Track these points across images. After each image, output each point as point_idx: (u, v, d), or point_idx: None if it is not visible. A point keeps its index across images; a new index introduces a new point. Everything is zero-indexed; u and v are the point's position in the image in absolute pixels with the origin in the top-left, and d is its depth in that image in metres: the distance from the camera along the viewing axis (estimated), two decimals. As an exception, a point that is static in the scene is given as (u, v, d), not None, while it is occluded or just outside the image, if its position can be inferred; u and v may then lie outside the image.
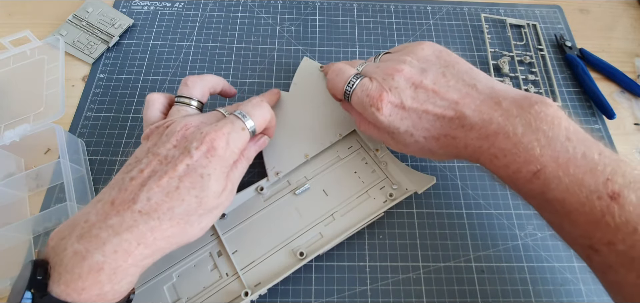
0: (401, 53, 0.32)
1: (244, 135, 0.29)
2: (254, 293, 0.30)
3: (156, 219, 0.25)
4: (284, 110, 0.40)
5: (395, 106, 0.29)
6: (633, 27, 0.51)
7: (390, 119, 0.30)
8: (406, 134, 0.30)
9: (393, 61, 0.31)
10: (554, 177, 0.24)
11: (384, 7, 0.50)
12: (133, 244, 0.24)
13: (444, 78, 0.29)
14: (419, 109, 0.29)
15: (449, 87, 0.29)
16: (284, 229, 0.34)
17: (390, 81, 0.30)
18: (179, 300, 0.31)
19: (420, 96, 0.29)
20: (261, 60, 0.45)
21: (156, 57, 0.45)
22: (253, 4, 0.50)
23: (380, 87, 0.30)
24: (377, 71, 0.31)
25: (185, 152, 0.26)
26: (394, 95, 0.29)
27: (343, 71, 0.33)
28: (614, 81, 0.46)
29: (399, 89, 0.29)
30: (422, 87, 0.29)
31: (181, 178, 0.26)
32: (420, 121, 0.29)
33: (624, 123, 0.43)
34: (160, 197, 0.25)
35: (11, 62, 0.39)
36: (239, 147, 0.28)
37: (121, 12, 0.48)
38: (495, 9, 0.51)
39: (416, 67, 0.30)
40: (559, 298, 0.33)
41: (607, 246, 0.23)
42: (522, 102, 0.27)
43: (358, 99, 0.31)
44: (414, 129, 0.29)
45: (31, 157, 0.39)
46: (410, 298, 0.33)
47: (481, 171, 0.39)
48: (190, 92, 0.32)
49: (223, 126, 0.28)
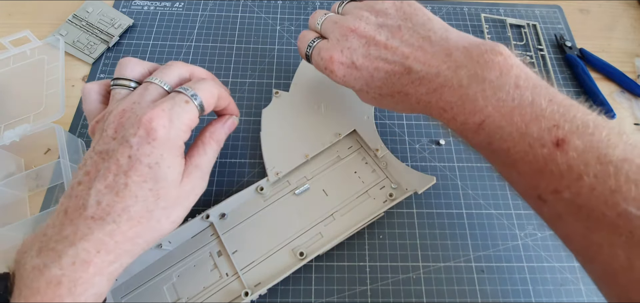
0: (361, 6, 0.32)
1: (189, 109, 0.26)
2: (254, 293, 0.30)
3: (112, 222, 0.23)
4: (284, 110, 0.40)
5: (347, 66, 0.30)
6: (633, 27, 0.51)
7: (345, 79, 0.30)
8: (361, 92, 0.31)
9: (351, 17, 0.31)
10: (497, 127, 0.24)
11: (384, 7, 0.50)
12: (91, 253, 0.22)
13: (399, 32, 0.29)
14: (369, 67, 0.29)
15: (402, 42, 0.28)
16: (284, 229, 0.34)
17: (344, 41, 0.30)
18: (179, 300, 0.31)
19: (372, 53, 0.29)
20: (261, 60, 0.45)
21: (156, 57, 0.45)
22: (253, 4, 0.50)
23: (332, 48, 0.30)
24: (334, 29, 0.31)
25: (123, 142, 0.24)
26: (345, 55, 0.30)
27: (305, 35, 0.34)
28: (614, 81, 0.46)
29: (351, 48, 0.29)
30: (375, 44, 0.29)
31: (127, 172, 0.23)
32: (372, 79, 0.29)
33: (624, 123, 0.43)
34: (110, 198, 0.23)
35: (11, 62, 0.39)
36: (185, 123, 0.25)
37: (121, 12, 0.48)
38: (495, 9, 0.51)
39: (372, 23, 0.30)
40: (559, 298, 0.33)
41: (554, 194, 0.22)
42: (472, 51, 0.26)
43: (315, 62, 0.32)
44: (368, 87, 0.30)
45: (31, 157, 0.39)
46: (410, 298, 0.33)
47: (481, 171, 0.39)
48: (126, 72, 0.28)
49: (161, 102, 0.25)
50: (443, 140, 0.40)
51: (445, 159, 0.39)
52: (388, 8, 0.30)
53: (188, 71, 0.29)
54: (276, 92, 0.41)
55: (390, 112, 0.42)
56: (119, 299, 0.30)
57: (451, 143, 0.40)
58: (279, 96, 0.41)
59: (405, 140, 0.40)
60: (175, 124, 0.25)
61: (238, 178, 0.37)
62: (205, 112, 0.28)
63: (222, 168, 0.38)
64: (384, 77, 0.29)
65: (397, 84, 0.29)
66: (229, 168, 0.38)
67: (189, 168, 0.27)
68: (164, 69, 0.28)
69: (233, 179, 0.37)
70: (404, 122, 0.41)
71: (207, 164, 0.28)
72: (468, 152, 0.40)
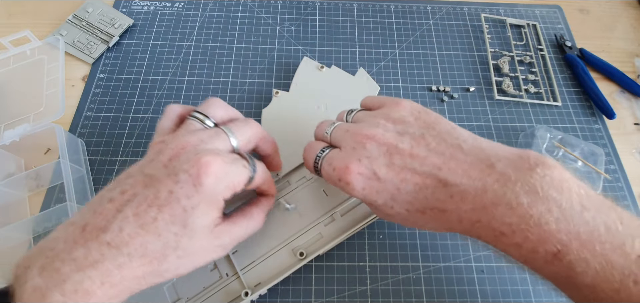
0: (374, 114, 0.28)
1: (243, 174, 0.25)
2: (254, 293, 0.30)
3: (126, 255, 0.22)
4: (284, 110, 0.40)
5: (368, 177, 0.25)
6: (633, 27, 0.51)
7: (365, 192, 0.26)
8: (386, 207, 0.26)
9: (366, 124, 0.27)
10: (580, 259, 0.20)
11: (384, 7, 0.50)
12: (96, 283, 0.21)
13: (424, 140, 0.25)
14: (395, 179, 0.25)
15: (429, 150, 0.25)
16: (284, 229, 0.34)
17: (361, 149, 0.26)
18: (179, 300, 0.31)
19: (396, 163, 0.25)
20: (261, 60, 0.45)
21: (156, 57, 0.45)
22: (253, 4, 0.50)
23: (347, 157, 0.26)
24: (347, 137, 0.27)
25: (171, 174, 0.23)
26: (364, 165, 0.25)
27: (312, 146, 0.30)
28: (614, 81, 0.46)
29: (371, 157, 0.25)
30: (398, 153, 0.25)
31: (161, 207, 0.22)
32: (399, 193, 0.25)
33: (624, 123, 0.43)
34: (133, 228, 0.22)
35: (11, 62, 0.39)
36: (234, 184, 0.25)
37: (121, 12, 0.48)
38: (495, 9, 0.51)
39: (391, 131, 0.26)
40: (559, 298, 0.33)
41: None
42: (519, 164, 0.23)
43: (326, 174, 0.27)
44: (394, 202, 0.25)
45: (31, 157, 0.39)
46: (410, 298, 0.33)
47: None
48: (209, 110, 0.28)
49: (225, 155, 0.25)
50: (443, 140, 0.40)
51: (445, 159, 0.39)
52: (406, 116, 0.27)
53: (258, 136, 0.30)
54: (276, 92, 0.41)
55: (390, 112, 0.42)
56: (119, 299, 0.30)
57: (451, 143, 0.40)
58: (279, 96, 0.41)
59: (405, 140, 0.40)
60: (224, 181, 0.24)
61: (238, 178, 0.37)
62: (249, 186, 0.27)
63: (222, 168, 0.38)
64: (414, 191, 0.24)
65: (431, 199, 0.24)
66: (229, 168, 0.38)
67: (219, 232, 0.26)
68: (240, 125, 0.29)
69: (233, 179, 0.37)
70: (404, 122, 0.41)
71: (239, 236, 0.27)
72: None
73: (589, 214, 0.21)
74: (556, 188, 0.21)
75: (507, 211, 0.22)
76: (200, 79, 0.43)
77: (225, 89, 0.43)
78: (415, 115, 0.27)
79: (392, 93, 0.43)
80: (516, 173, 0.22)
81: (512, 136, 0.41)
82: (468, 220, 0.23)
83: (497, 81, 0.44)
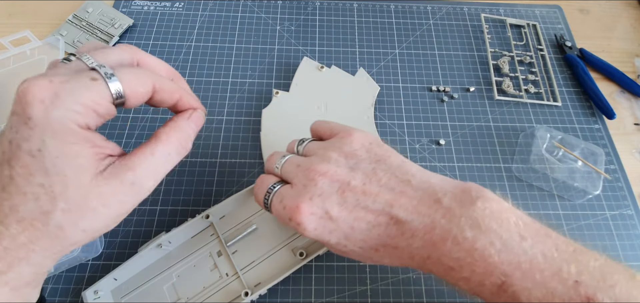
0: (326, 147, 0.28)
1: (94, 87, 0.20)
2: (254, 293, 0.30)
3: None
4: (284, 110, 0.40)
5: (320, 217, 0.24)
6: (633, 27, 0.51)
7: (317, 233, 0.25)
8: (339, 246, 0.25)
9: (317, 159, 0.26)
10: (524, 289, 0.21)
11: (384, 7, 0.50)
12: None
13: (376, 176, 0.25)
14: (348, 218, 0.24)
15: (381, 186, 0.25)
16: (284, 229, 0.34)
17: (313, 187, 0.25)
18: (179, 300, 0.31)
19: (348, 201, 0.24)
20: (261, 60, 0.45)
21: (156, 57, 0.45)
22: (253, 4, 0.50)
23: (298, 196, 0.25)
24: (298, 173, 0.26)
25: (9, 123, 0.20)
26: (316, 204, 0.24)
27: (263, 181, 0.28)
28: (614, 81, 0.46)
29: (323, 196, 0.24)
30: (351, 190, 0.25)
31: (9, 161, 0.19)
32: (352, 232, 0.24)
33: (623, 123, 0.43)
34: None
35: (11, 62, 0.39)
36: (83, 103, 0.20)
37: (121, 12, 0.48)
38: (495, 9, 0.51)
39: (343, 165, 0.26)
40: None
41: None
42: (462, 198, 0.23)
43: (277, 212, 0.26)
44: (347, 241, 0.25)
45: (31, 157, 0.39)
46: (410, 298, 0.33)
47: (481, 171, 0.39)
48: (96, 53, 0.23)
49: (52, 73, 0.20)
50: (443, 140, 0.40)
51: (445, 159, 0.39)
52: (358, 150, 0.27)
53: (133, 56, 0.24)
54: (276, 92, 0.41)
55: (390, 112, 0.42)
56: (119, 299, 0.30)
57: (451, 143, 0.40)
58: (278, 96, 0.41)
59: (405, 140, 0.40)
60: (63, 101, 0.19)
61: (238, 178, 0.37)
62: (127, 102, 0.22)
63: (222, 168, 0.38)
64: (367, 229, 0.24)
65: (384, 236, 0.24)
66: (229, 168, 0.38)
67: (115, 168, 0.22)
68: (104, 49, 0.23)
69: (233, 179, 0.37)
70: (404, 122, 0.41)
71: (149, 169, 0.23)
72: (468, 152, 0.40)
73: (527, 243, 0.22)
74: (496, 220, 0.22)
75: (454, 247, 0.22)
76: (200, 79, 0.43)
77: (225, 89, 0.43)
78: (366, 147, 0.27)
79: (392, 93, 0.43)
80: (460, 208, 0.23)
81: (512, 136, 0.41)
82: (419, 256, 0.24)
83: (497, 81, 0.44)
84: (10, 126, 0.19)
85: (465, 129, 0.41)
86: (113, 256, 0.33)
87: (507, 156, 0.40)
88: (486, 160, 0.39)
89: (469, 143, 0.40)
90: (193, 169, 0.38)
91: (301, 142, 0.31)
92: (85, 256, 0.33)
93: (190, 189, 0.37)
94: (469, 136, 0.41)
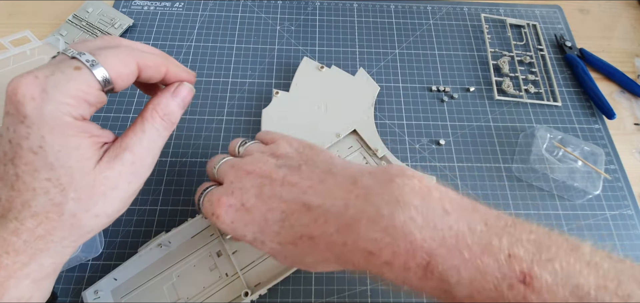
0: (263, 150, 0.28)
1: (78, 76, 0.20)
2: (254, 293, 0.30)
3: (14, 220, 0.20)
4: (284, 110, 0.40)
5: (236, 209, 0.24)
6: (633, 27, 0.51)
7: (234, 226, 0.24)
8: (256, 242, 0.24)
9: (250, 159, 0.27)
10: (451, 268, 0.19)
11: (384, 7, 0.50)
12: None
13: (298, 170, 0.25)
14: (262, 208, 0.24)
15: (301, 178, 0.24)
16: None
17: (237, 183, 0.25)
18: (179, 300, 0.31)
19: (265, 193, 0.24)
20: (261, 60, 0.45)
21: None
22: (253, 4, 0.50)
23: (222, 191, 0.25)
24: (230, 172, 0.26)
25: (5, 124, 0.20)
26: (235, 197, 0.24)
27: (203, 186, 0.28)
28: (614, 81, 0.46)
29: (243, 189, 0.25)
30: (270, 183, 0.24)
31: (13, 160, 0.20)
32: (266, 224, 0.24)
33: (624, 123, 0.43)
34: (7, 192, 0.20)
35: (11, 62, 0.39)
36: (70, 94, 0.20)
37: (121, 12, 0.48)
38: (495, 9, 0.51)
39: (271, 164, 0.26)
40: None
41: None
42: (381, 177, 0.22)
43: (205, 211, 0.26)
44: (263, 236, 0.24)
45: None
46: (410, 298, 0.33)
47: (481, 171, 0.39)
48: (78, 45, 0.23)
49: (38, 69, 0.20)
50: (443, 140, 0.40)
51: (445, 159, 0.39)
52: (289, 152, 0.27)
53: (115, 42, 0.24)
54: (276, 92, 0.41)
55: (390, 112, 0.42)
56: (119, 299, 0.30)
57: (451, 143, 0.40)
58: (278, 96, 0.41)
59: (405, 140, 0.40)
60: (51, 96, 0.20)
61: (238, 178, 0.37)
62: (115, 86, 0.22)
63: (222, 168, 0.38)
64: (280, 219, 0.24)
65: (297, 227, 0.23)
66: (229, 168, 0.38)
67: (113, 151, 0.22)
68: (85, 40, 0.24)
69: (233, 179, 0.37)
70: (404, 122, 0.41)
71: (144, 146, 0.23)
72: (468, 152, 0.40)
73: (451, 218, 0.20)
74: (417, 195, 0.21)
75: (370, 226, 0.21)
76: (200, 79, 0.43)
77: (225, 89, 0.43)
78: (299, 151, 0.27)
79: (392, 93, 0.43)
80: (377, 186, 0.22)
81: (512, 136, 0.41)
82: (336, 245, 0.22)
83: (497, 81, 0.44)
84: (7, 127, 0.20)
85: (465, 129, 0.41)
86: (113, 256, 0.33)
87: (507, 156, 0.40)
88: (486, 160, 0.40)
89: (469, 143, 0.40)
90: (193, 169, 0.38)
91: (243, 143, 0.30)
92: (85, 256, 0.33)
93: (190, 189, 0.37)
94: (469, 136, 0.41)
